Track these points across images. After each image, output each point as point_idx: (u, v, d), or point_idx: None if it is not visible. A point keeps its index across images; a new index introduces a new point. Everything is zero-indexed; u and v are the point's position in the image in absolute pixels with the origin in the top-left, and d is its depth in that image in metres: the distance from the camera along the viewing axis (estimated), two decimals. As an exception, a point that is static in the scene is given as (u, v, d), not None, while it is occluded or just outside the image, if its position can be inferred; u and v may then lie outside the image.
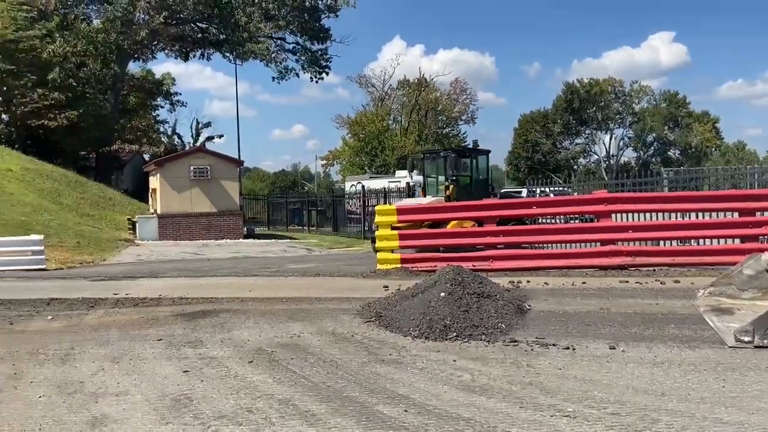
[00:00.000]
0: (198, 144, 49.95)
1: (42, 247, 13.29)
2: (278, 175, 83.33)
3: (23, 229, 15.90)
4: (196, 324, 7.00)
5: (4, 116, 33.56)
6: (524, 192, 28.55)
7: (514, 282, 8.75)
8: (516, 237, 11.07)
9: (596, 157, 69.47)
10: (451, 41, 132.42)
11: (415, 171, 19.26)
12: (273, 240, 23.98)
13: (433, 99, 52.90)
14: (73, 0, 34.15)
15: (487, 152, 17.72)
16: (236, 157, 27.59)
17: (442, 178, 16.08)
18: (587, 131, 68.45)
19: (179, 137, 53.25)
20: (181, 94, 49.67)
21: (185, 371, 5.09)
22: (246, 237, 24.02)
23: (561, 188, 20.10)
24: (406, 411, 4.02)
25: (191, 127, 54.43)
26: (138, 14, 33.88)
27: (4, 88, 31.57)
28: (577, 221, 12.74)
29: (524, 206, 11.72)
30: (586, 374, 4.78)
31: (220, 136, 55.11)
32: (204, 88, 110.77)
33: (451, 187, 15.59)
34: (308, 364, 5.20)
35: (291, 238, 25.12)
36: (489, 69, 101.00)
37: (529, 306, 7.16)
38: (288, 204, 34.72)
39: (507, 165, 72.50)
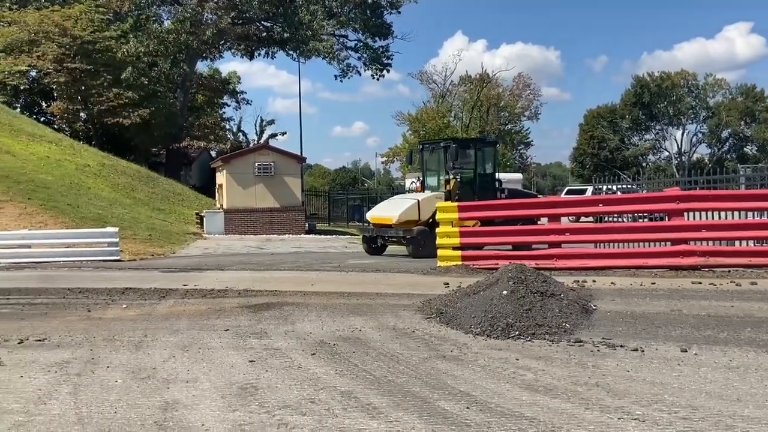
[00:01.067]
0: (262, 141, 51.13)
1: (117, 239, 13.96)
2: (339, 171, 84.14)
3: (100, 222, 16.74)
4: (260, 316, 7.20)
5: (82, 114, 35.32)
6: (589, 190, 27.78)
7: (579, 281, 8.55)
8: (582, 235, 10.79)
9: (667, 153, 66.81)
10: (515, 36, 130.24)
11: (414, 164, 17.97)
12: (333, 236, 24.30)
13: (496, 95, 52.21)
14: (145, 1, 35.59)
15: (494, 143, 16.73)
16: (298, 154, 28.11)
17: (443, 171, 14.98)
18: (657, 127, 65.83)
19: (244, 134, 54.65)
20: (246, 93, 51.09)
21: (251, 361, 5.24)
22: (307, 232, 24.43)
23: (629, 186, 19.40)
24: (467, 408, 4.01)
25: (255, 125, 55.76)
26: (206, 14, 34.98)
27: (83, 88, 33.24)
28: (645, 220, 12.30)
29: (590, 204, 11.40)
30: (655, 377, 4.62)
31: (283, 134, 56.28)
32: (268, 86, 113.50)
33: (452, 181, 14.64)
34: (369, 358, 5.25)
35: (351, 234, 25.36)
36: (554, 63, 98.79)
37: (594, 306, 6.98)
38: (348, 200, 35.09)
39: (571, 162, 70.74)
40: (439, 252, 10.82)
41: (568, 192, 32.28)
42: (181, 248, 16.94)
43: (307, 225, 25.05)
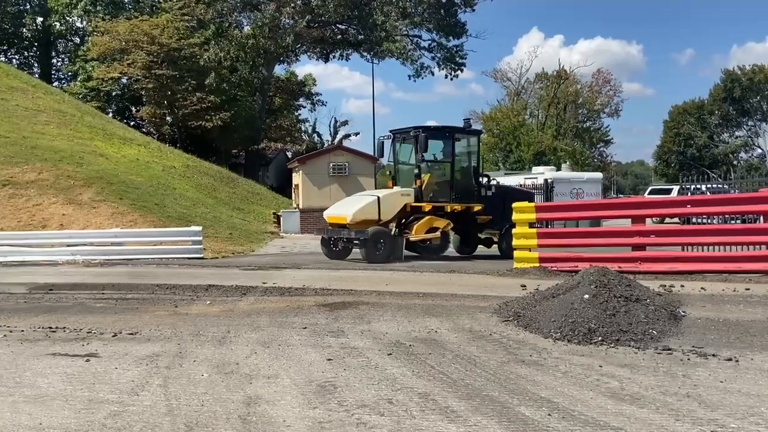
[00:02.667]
0: (336, 141, 51.97)
1: (201, 238, 14.55)
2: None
3: (184, 220, 17.52)
4: (337, 314, 7.29)
5: (168, 118, 37.09)
6: (675, 190, 26.47)
7: (665, 286, 8.15)
8: (668, 238, 10.29)
9: (760, 151, 62.55)
10: (593, 30, 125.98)
11: (384, 157, 15.36)
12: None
13: (573, 92, 50.70)
14: (226, 9, 36.94)
15: (476, 132, 14.57)
16: (372, 154, 28.31)
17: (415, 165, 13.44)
18: (750, 123, 61.80)
19: (318, 135, 55.78)
20: (321, 94, 51.98)
21: (329, 359, 5.32)
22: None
23: (719, 186, 18.31)
24: (549, 415, 3.90)
25: (329, 126, 56.77)
26: (284, 19, 35.89)
27: (169, 93, 34.92)
28: (737, 222, 11.58)
29: (677, 205, 10.86)
30: (751, 389, 4.34)
31: (356, 134, 56.83)
32: (341, 88, 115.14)
33: (424, 177, 13.20)
34: (446, 360, 5.21)
35: (424, 234, 25.30)
36: (636, 58, 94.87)
37: (683, 312, 6.64)
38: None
39: (655, 160, 67.66)
40: (516, 253, 10.61)
41: (652, 192, 30.89)
42: (260, 246, 17.44)
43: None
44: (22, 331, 6.64)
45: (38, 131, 21.18)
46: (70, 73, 45.19)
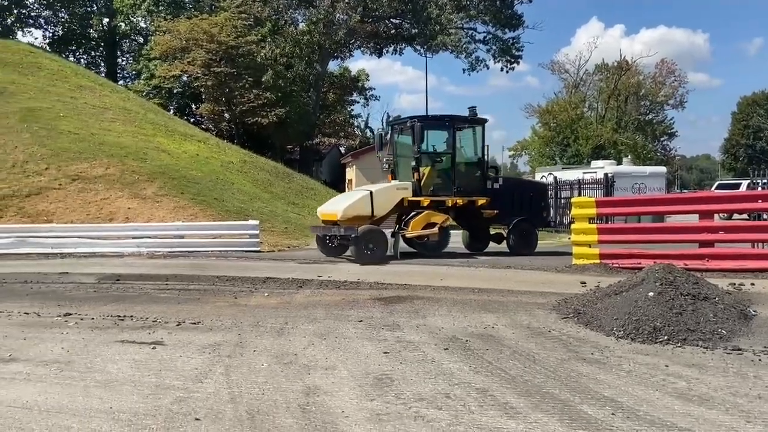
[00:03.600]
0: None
1: (258, 231, 14.86)
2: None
3: (242, 214, 17.93)
4: (392, 308, 7.32)
5: (226, 115, 38.03)
6: (744, 184, 25.29)
7: (735, 284, 7.81)
8: (738, 234, 9.84)
9: (838, 143, 58.99)
10: (656, 19, 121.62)
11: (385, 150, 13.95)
12: (461, 230, 24.12)
13: (635, 83, 49.09)
14: (282, 5, 37.53)
15: (481, 121, 13.22)
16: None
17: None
18: (827, 113, 58.37)
19: (371, 130, 55.97)
20: (374, 89, 52.06)
21: (385, 352, 5.34)
22: (435, 227, 24.46)
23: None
24: (613, 414, 3.81)
25: (382, 121, 56.74)
26: (338, 15, 36.19)
27: (227, 90, 35.77)
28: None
29: (748, 200, 10.36)
30: (833, 395, 4.11)
31: (410, 129, 56.85)
32: (394, 83, 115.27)
33: (423, 170, 12.39)
34: (504, 357, 5.16)
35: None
36: (701, 48, 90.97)
37: (754, 311, 6.34)
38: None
39: (722, 154, 64.79)
40: (575, 249, 10.37)
41: (719, 187, 29.61)
42: (314, 241, 17.65)
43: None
44: (93, 319, 6.97)
45: (105, 128, 22.09)
46: (134, 72, 46.94)
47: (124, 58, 50.98)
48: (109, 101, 25.54)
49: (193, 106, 41.81)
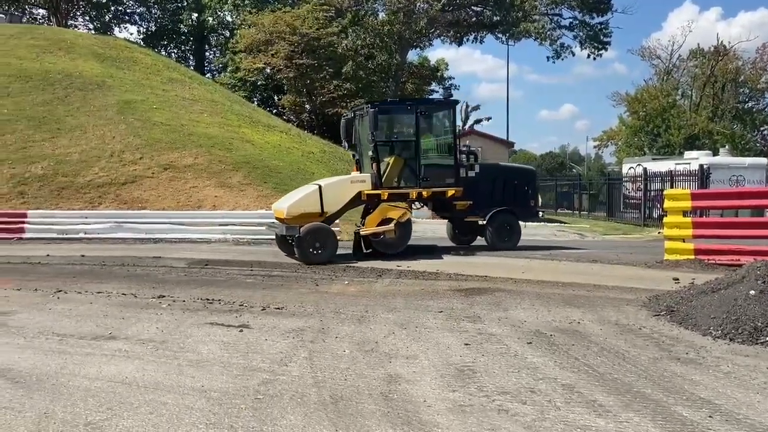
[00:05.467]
0: (467, 127, 51.47)
1: (337, 220, 15.12)
2: (545, 157, 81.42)
3: (322, 204, 18.32)
4: (472, 300, 7.28)
5: (307, 106, 38.81)
6: None
7: None
8: None
9: None
10: (755, 1, 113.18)
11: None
12: (541, 223, 23.59)
13: (733, 69, 45.94)
14: (363, -3, 37.78)
15: (449, 104, 12.25)
16: (505, 139, 27.74)
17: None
18: None
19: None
20: (453, 78, 51.52)
21: (466, 344, 5.31)
22: (514, 219, 24.04)
23: None
24: (710, 417, 3.61)
25: (461, 110, 56.09)
26: (418, 4, 36.02)
27: (308, 82, 36.46)
28: None
29: None
30: None
31: (488, 119, 55.95)
32: (473, 72, 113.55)
33: (388, 160, 11.50)
34: (591, 353, 5.00)
35: (560, 222, 24.41)
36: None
37: None
38: (556, 187, 33.78)
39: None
40: (667, 244, 9.87)
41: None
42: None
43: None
44: (184, 301, 7.33)
45: (194, 119, 23.10)
46: (220, 65, 48.71)
47: (212, 52, 53.01)
48: (198, 93, 26.65)
49: (276, 97, 42.93)
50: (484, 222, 12.13)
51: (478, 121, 53.84)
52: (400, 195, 11.57)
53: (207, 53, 52.79)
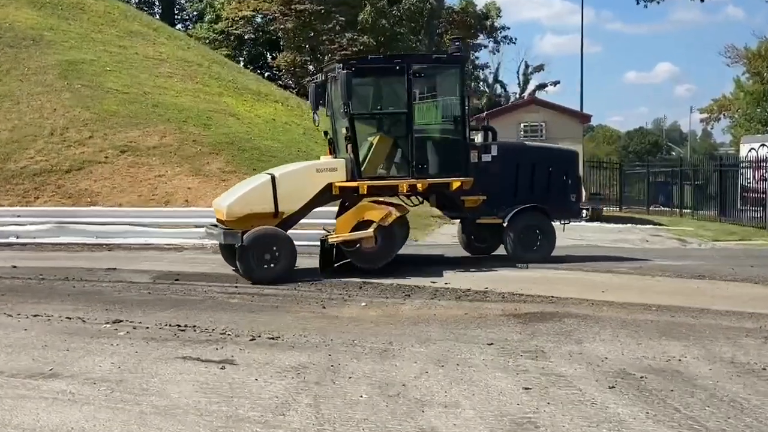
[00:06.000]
0: (526, 94, 51.25)
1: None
2: (632, 134, 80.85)
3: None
4: (534, 329, 7.28)
5: (310, 67, 39.02)
6: None
7: None
8: None
9: None
10: None
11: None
12: (628, 225, 23.42)
13: None
14: None
15: (455, 61, 11.93)
16: (578, 110, 27.56)
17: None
18: None
19: (502, 86, 55.46)
20: (508, 29, 51.34)
21: (526, 388, 5.31)
22: (589, 219, 23.91)
23: None
24: None
25: (518, 72, 56.09)
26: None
27: (311, 34, 36.72)
28: None
29: None
30: None
31: (555, 83, 55.49)
32: (534, 20, 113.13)
33: (373, 139, 11.43)
34: (697, 401, 4.98)
35: (654, 223, 24.18)
36: None
37: None
38: (649, 175, 33.46)
39: None
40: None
41: None
42: (426, 234, 17.77)
43: (590, 209, 24.50)
44: (147, 328, 7.43)
45: (160, 85, 23.39)
46: (195, 13, 49.29)
47: (183, -5, 53.60)
48: (166, 51, 26.96)
49: (269, 56, 43.24)
50: (504, 224, 11.85)
51: (541, 87, 53.73)
52: (387, 188, 11.45)
53: (177, -3, 53.36)
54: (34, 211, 16.06)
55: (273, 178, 10.90)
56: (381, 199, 11.42)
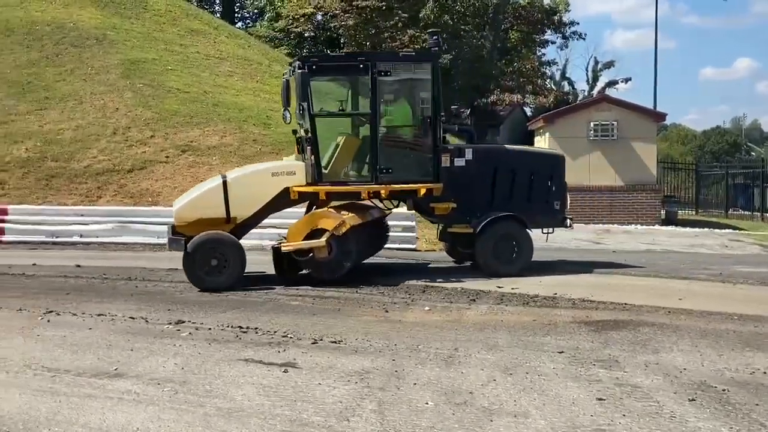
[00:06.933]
0: (595, 91, 50.49)
1: (414, 223, 15.16)
2: (709, 134, 79.04)
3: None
4: (606, 337, 7.20)
5: (370, 65, 39.12)
6: None
7: None
8: None
9: None
10: None
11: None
12: (705, 229, 22.91)
13: None
14: None
15: (425, 58, 11.88)
16: (652, 108, 27.00)
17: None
18: None
19: (570, 83, 54.66)
20: (577, 24, 50.61)
21: (599, 399, 5.24)
22: (664, 223, 23.45)
23: None
24: None
25: (587, 69, 55.22)
26: None
27: (373, 31, 36.77)
28: None
29: None
30: None
31: (627, 80, 54.23)
32: (605, 14, 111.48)
33: (339, 141, 11.22)
34: (785, 417, 4.83)
35: (734, 227, 23.59)
36: None
37: None
38: (728, 177, 32.64)
39: None
40: None
41: None
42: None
43: (663, 212, 24.02)
44: (209, 329, 7.57)
45: (220, 84, 23.81)
46: (255, 12, 49.97)
47: (244, -7, 54.39)
48: (226, 49, 27.44)
49: (330, 54, 43.57)
50: (475, 233, 11.33)
51: (611, 84, 52.75)
52: (348, 194, 11.32)
53: (238, -5, 54.17)
54: (97, 210, 16.49)
55: (224, 182, 10.80)
56: (360, 202, 11.38)
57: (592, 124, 23.65)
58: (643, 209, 23.21)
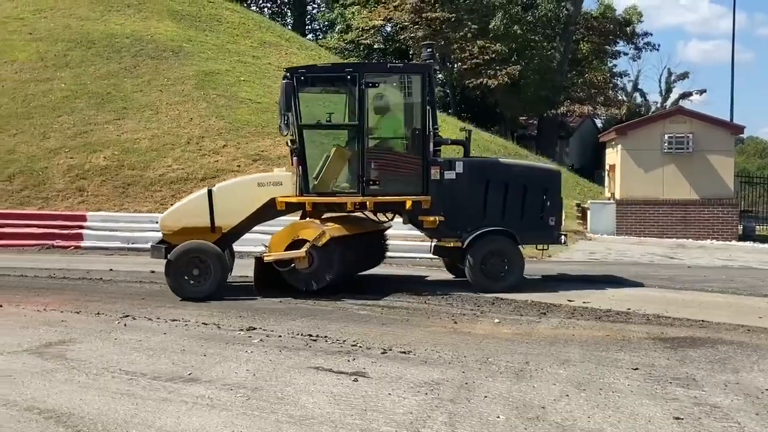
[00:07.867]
0: (668, 103, 49.52)
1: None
2: (791, 147, 76.47)
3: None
4: (683, 355, 7.04)
5: (440, 76, 39.22)
6: None
7: None
8: None
9: None
10: None
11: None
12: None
13: None
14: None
15: (417, 70, 11.74)
16: (728, 120, 26.27)
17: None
18: None
19: (642, 95, 53.77)
20: (651, 35, 49.74)
21: (677, 418, 5.12)
22: (741, 238, 22.77)
23: None
24: None
25: (660, 80, 54.39)
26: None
27: (442, 42, 36.77)
28: None
29: None
30: None
31: (702, 92, 53.09)
32: (679, 25, 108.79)
33: (329, 152, 11.17)
34: None
35: (813, 244, 22.76)
36: None
37: None
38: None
39: None
40: None
41: None
42: (559, 250, 17.45)
43: (740, 227, 23.30)
44: (280, 336, 7.67)
45: (291, 95, 24.10)
46: (326, 23, 50.54)
47: (315, 6, 55.13)
48: (297, 61, 27.72)
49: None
50: (463, 247, 10.97)
51: (685, 96, 51.71)
52: (334, 205, 11.18)
53: (309, 7, 54.92)
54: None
55: (209, 192, 10.85)
56: (354, 215, 11.36)
57: (666, 136, 23.14)
58: (719, 224, 22.60)
